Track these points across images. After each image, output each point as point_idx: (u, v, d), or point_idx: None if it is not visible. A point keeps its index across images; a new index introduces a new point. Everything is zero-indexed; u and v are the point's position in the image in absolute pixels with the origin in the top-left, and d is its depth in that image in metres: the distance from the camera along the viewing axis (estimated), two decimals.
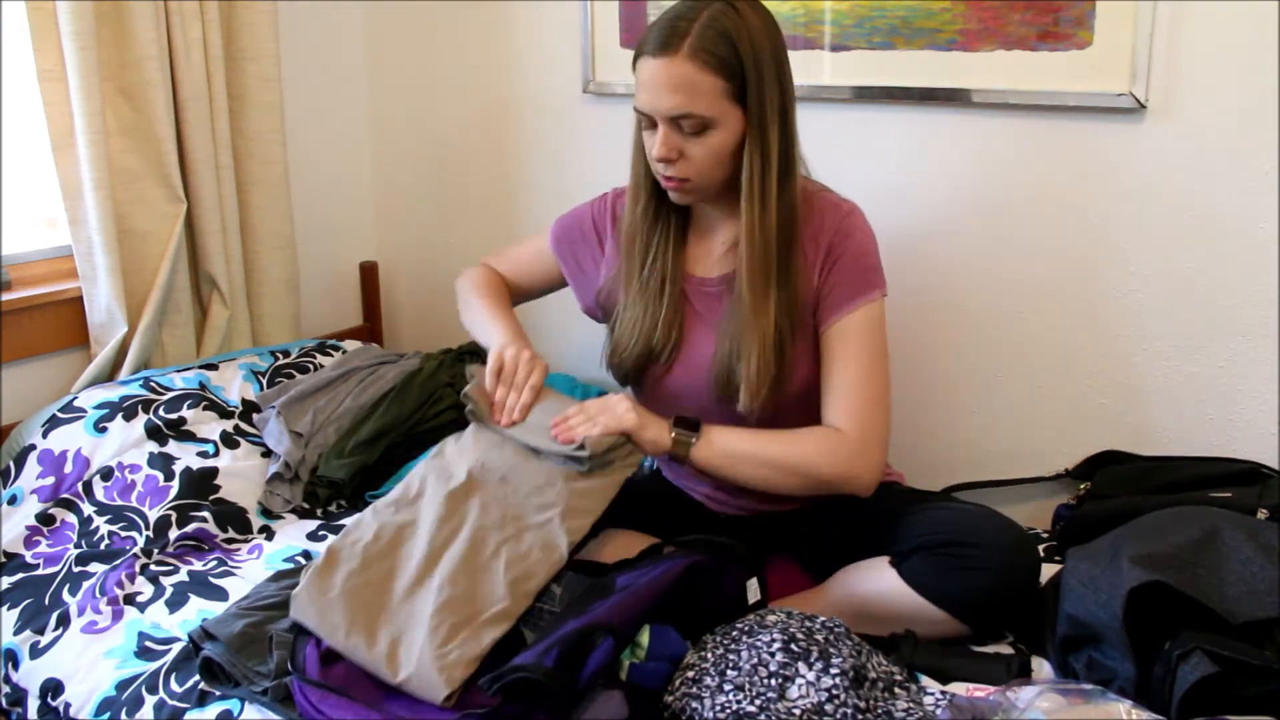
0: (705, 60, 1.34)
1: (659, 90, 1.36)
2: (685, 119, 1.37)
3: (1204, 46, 1.59)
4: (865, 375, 1.45)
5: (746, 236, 1.43)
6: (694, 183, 1.43)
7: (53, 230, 2.06)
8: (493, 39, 2.31)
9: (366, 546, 1.34)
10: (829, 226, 1.46)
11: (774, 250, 1.43)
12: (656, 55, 1.36)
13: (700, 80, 1.35)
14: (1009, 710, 1.09)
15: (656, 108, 1.38)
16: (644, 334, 1.53)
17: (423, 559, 1.31)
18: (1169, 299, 1.70)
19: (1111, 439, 1.77)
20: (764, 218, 1.41)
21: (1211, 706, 1.12)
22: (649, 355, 1.54)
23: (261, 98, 2.17)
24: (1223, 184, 1.62)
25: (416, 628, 1.23)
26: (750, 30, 1.36)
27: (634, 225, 1.54)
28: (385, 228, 2.61)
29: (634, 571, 1.31)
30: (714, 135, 1.38)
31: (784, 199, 1.42)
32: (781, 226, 1.43)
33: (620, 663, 1.18)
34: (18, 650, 1.51)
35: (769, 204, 1.41)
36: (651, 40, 1.38)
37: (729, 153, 1.40)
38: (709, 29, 1.35)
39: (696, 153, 1.39)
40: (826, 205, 1.48)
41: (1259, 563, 1.21)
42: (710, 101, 1.36)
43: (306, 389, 2.01)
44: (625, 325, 1.56)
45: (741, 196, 1.42)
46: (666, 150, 1.39)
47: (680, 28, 1.35)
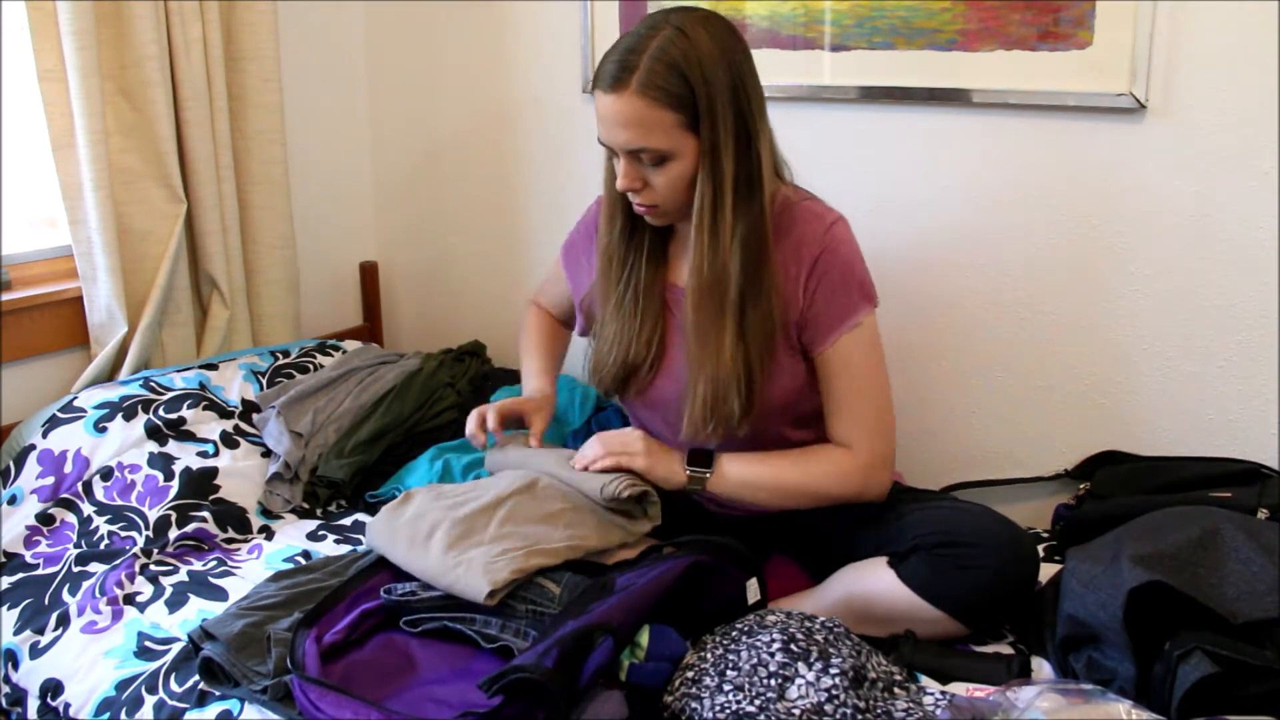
0: (654, 96, 1.33)
1: (613, 126, 1.37)
2: (642, 152, 1.37)
3: (1204, 46, 1.59)
4: (868, 392, 1.46)
5: (695, 274, 1.41)
6: (662, 208, 1.43)
7: (53, 230, 2.06)
8: (492, 39, 2.31)
9: (442, 492, 1.49)
10: (811, 239, 1.43)
11: (731, 278, 1.40)
12: (607, 91, 1.36)
13: (650, 115, 1.34)
14: (1009, 710, 1.09)
15: (614, 142, 1.39)
16: (622, 349, 1.53)
17: (491, 500, 1.42)
18: (1169, 299, 1.70)
19: (1111, 439, 1.77)
20: (714, 246, 1.39)
21: (1211, 706, 1.12)
22: (630, 368, 1.55)
23: (261, 98, 2.17)
24: (1223, 184, 1.62)
25: (473, 547, 1.33)
26: (701, 57, 1.33)
27: (609, 245, 1.54)
28: (385, 228, 2.61)
29: (634, 572, 1.31)
30: (673, 166, 1.38)
31: (744, 222, 1.40)
32: (746, 250, 1.40)
33: (620, 663, 1.18)
34: (18, 650, 1.51)
35: (720, 232, 1.39)
36: (603, 74, 1.37)
37: (691, 179, 1.39)
38: (658, 62, 1.33)
39: (659, 181, 1.40)
40: (809, 216, 1.45)
41: (1259, 563, 1.21)
42: (663, 135, 1.35)
43: (306, 389, 2.01)
44: (604, 341, 1.56)
45: (693, 230, 1.41)
46: (629, 182, 1.40)
47: (630, 62, 1.34)
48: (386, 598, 1.35)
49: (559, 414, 2.08)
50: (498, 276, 2.45)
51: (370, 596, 1.37)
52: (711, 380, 1.42)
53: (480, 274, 2.49)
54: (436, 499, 1.46)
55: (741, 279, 1.41)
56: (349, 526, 1.78)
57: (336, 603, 1.37)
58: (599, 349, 1.58)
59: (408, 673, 1.26)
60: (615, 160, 1.43)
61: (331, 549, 1.70)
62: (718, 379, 1.42)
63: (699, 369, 1.44)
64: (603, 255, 1.55)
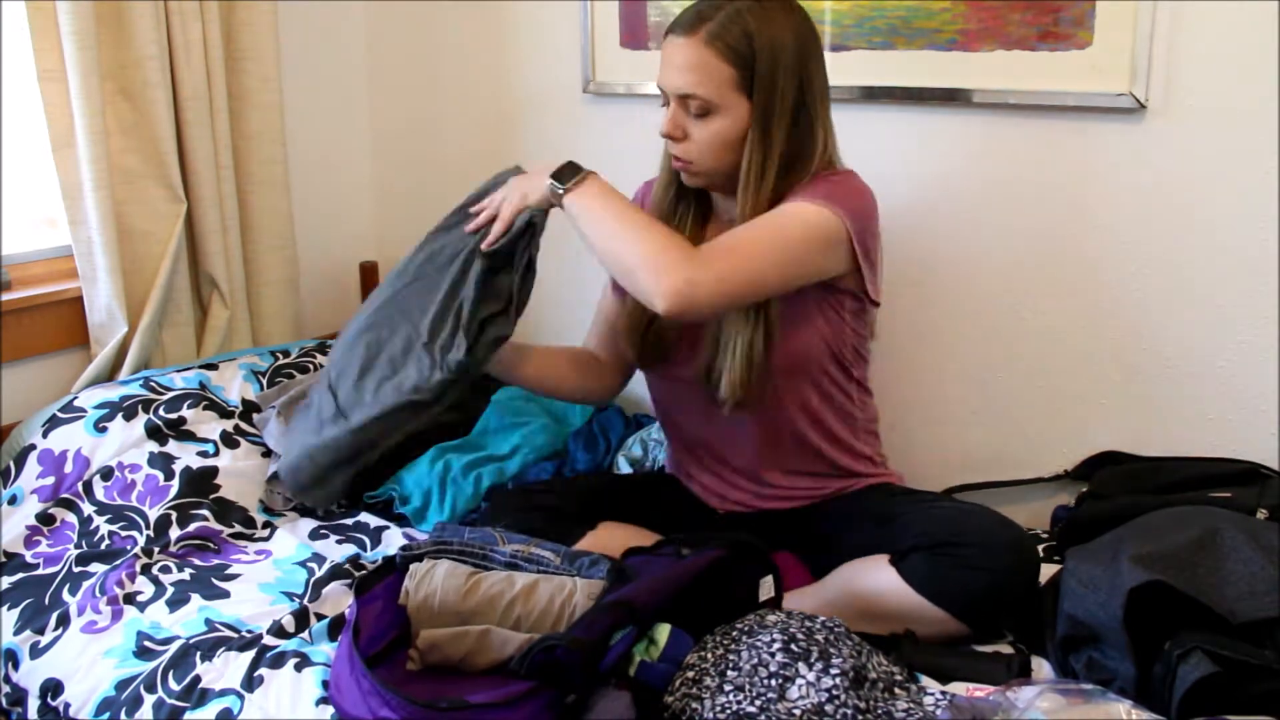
0: (718, 48, 1.39)
1: (672, 67, 1.43)
2: (690, 99, 1.41)
3: (1204, 46, 1.59)
4: (752, 235, 1.39)
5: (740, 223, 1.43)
6: (698, 165, 1.46)
7: (53, 230, 2.05)
8: (493, 39, 2.31)
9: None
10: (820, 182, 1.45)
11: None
12: (679, 34, 1.42)
13: (710, 64, 1.39)
14: (1009, 710, 1.09)
15: (666, 83, 1.44)
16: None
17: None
18: (1169, 299, 1.69)
19: (1111, 439, 1.77)
20: (757, 208, 1.42)
21: (1211, 706, 1.12)
22: (659, 331, 1.55)
23: (261, 98, 2.17)
24: (1223, 184, 1.62)
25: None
26: (772, 28, 1.39)
27: (656, 207, 1.58)
28: (385, 228, 2.61)
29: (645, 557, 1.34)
30: (716, 120, 1.42)
31: (782, 193, 1.43)
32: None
33: (632, 656, 1.19)
34: (18, 650, 1.51)
35: (762, 201, 1.42)
36: (679, 20, 1.43)
37: (730, 141, 1.43)
38: (731, 20, 1.39)
39: (699, 135, 1.43)
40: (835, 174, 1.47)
41: (1259, 563, 1.21)
42: (715, 87, 1.40)
43: (307, 389, 2.01)
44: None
45: (738, 191, 1.44)
46: (671, 127, 1.45)
47: (705, 13, 1.41)
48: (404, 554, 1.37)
49: (559, 414, 2.09)
50: None
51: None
52: (748, 340, 1.44)
53: None
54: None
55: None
56: (350, 526, 1.78)
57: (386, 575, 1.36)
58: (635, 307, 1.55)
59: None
60: (665, 109, 1.46)
61: (334, 548, 1.70)
62: (752, 340, 1.44)
63: (734, 332, 1.45)
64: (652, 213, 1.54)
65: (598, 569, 1.33)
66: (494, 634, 1.26)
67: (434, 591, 1.30)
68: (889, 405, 1.80)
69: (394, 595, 1.33)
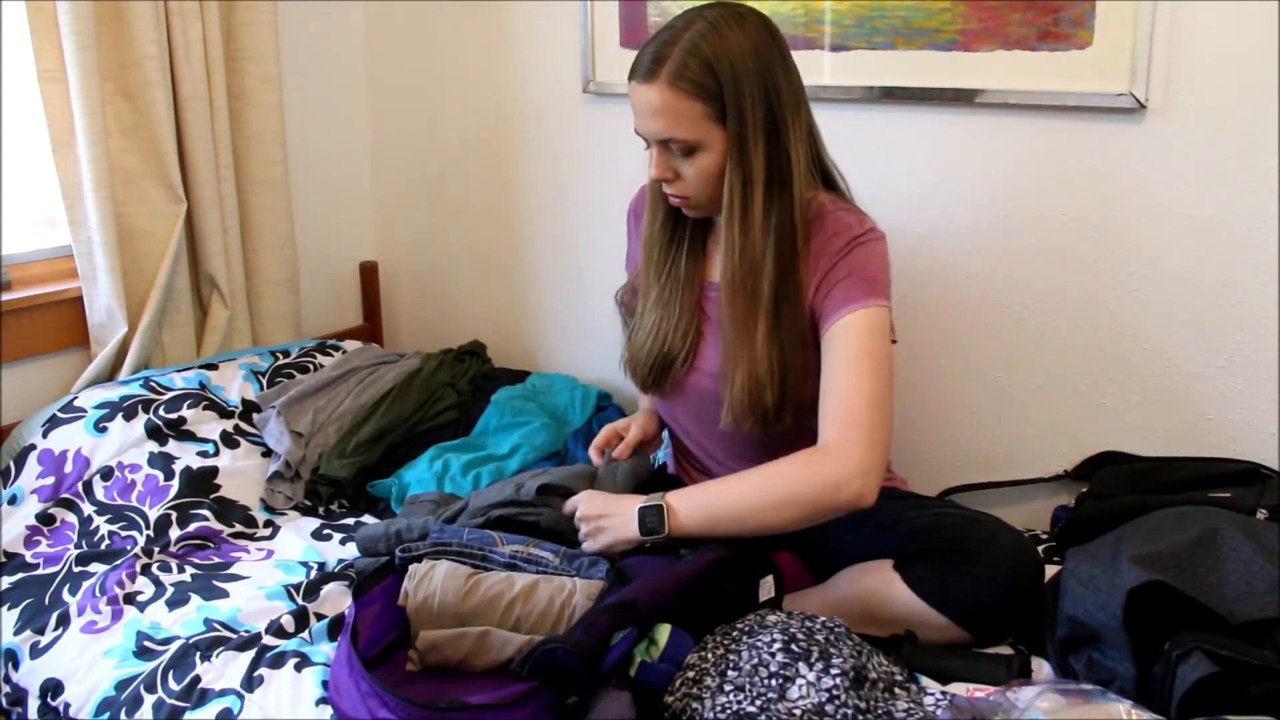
0: (683, 87, 1.36)
1: (642, 115, 1.41)
2: (671, 141, 1.40)
3: (1204, 46, 1.59)
4: (854, 380, 1.36)
5: (727, 262, 1.43)
6: (694, 199, 1.45)
7: (53, 230, 2.05)
8: (492, 39, 2.31)
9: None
10: (833, 246, 1.42)
11: (764, 271, 1.41)
12: (640, 81, 1.39)
13: (679, 106, 1.37)
14: (1009, 710, 1.09)
15: (645, 131, 1.42)
16: (659, 340, 1.55)
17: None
18: (1169, 299, 1.69)
19: (1111, 439, 1.77)
20: (745, 238, 1.41)
21: (1211, 706, 1.12)
22: (665, 360, 1.55)
23: (261, 98, 2.17)
24: (1223, 184, 1.62)
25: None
26: (730, 51, 1.36)
27: (651, 237, 1.56)
28: (385, 228, 2.61)
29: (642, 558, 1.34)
30: (701, 157, 1.40)
31: (773, 217, 1.41)
32: (778, 244, 1.41)
33: (633, 656, 1.19)
34: (18, 650, 1.51)
35: (751, 224, 1.41)
36: (638, 65, 1.40)
37: (720, 172, 1.41)
38: (688, 54, 1.36)
39: (688, 173, 1.42)
40: (839, 226, 1.44)
41: (1259, 563, 1.21)
42: (691, 125, 1.38)
43: (307, 389, 2.01)
44: (642, 330, 1.57)
45: (723, 219, 1.42)
46: (660, 171, 1.43)
47: (661, 53, 1.37)
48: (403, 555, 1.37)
49: (560, 414, 2.09)
50: (498, 277, 2.45)
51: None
52: (748, 372, 1.43)
53: (480, 274, 2.49)
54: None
55: (775, 273, 1.41)
56: (351, 525, 1.78)
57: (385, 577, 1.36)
58: (635, 339, 1.59)
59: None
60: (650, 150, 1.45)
61: (336, 548, 1.70)
62: (753, 372, 1.42)
63: (735, 361, 1.44)
64: (645, 246, 1.58)
65: (597, 569, 1.33)
66: (493, 635, 1.26)
67: (433, 592, 1.30)
68: None
69: (393, 597, 1.33)
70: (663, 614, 1.22)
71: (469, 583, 1.30)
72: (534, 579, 1.31)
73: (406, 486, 1.87)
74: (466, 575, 1.32)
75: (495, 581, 1.31)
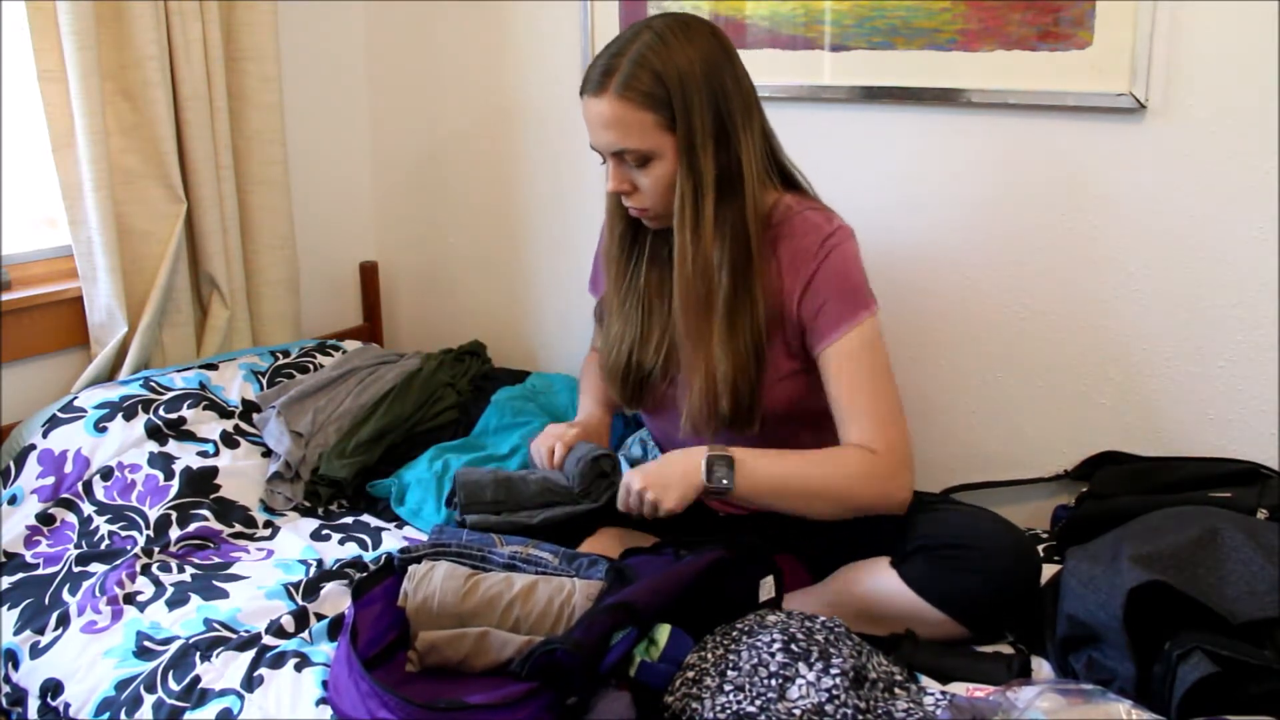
0: (631, 98, 1.39)
1: (596, 127, 1.43)
2: (625, 153, 1.42)
3: (1204, 46, 1.59)
4: (875, 394, 1.44)
5: (679, 269, 1.44)
6: (653, 210, 1.46)
7: (53, 230, 2.05)
8: (492, 38, 2.31)
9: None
10: (806, 252, 1.45)
11: (717, 278, 1.42)
12: (591, 94, 1.43)
13: (629, 116, 1.39)
14: (1009, 710, 1.09)
15: (596, 143, 1.45)
16: (626, 352, 1.56)
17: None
18: (1169, 299, 1.69)
19: (1111, 439, 1.77)
20: (696, 245, 1.42)
21: (1211, 706, 1.11)
22: (641, 374, 1.56)
23: (261, 98, 2.17)
24: (1223, 184, 1.62)
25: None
26: (678, 60, 1.38)
27: (610, 249, 1.58)
28: (385, 228, 2.61)
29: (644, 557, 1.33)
30: (655, 166, 1.42)
31: (726, 223, 1.42)
32: (731, 251, 1.42)
33: (633, 657, 1.19)
34: (18, 650, 1.51)
35: (702, 230, 1.42)
36: (588, 79, 1.43)
37: (674, 180, 1.42)
38: (637, 66, 1.38)
39: (645, 183, 1.43)
40: (807, 228, 1.46)
41: (1259, 563, 1.21)
42: (642, 135, 1.40)
43: (306, 389, 2.01)
44: (610, 341, 1.59)
45: (674, 227, 1.44)
46: (617, 183, 1.45)
47: (611, 65, 1.40)
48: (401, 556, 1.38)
49: (559, 414, 2.08)
50: (498, 277, 2.45)
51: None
52: (704, 378, 1.45)
53: (480, 274, 2.49)
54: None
55: (728, 280, 1.43)
56: (351, 525, 1.78)
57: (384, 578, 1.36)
58: (605, 351, 1.61)
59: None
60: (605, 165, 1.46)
61: (335, 548, 1.70)
62: (709, 378, 1.44)
63: (692, 367, 1.46)
64: (605, 259, 1.60)
65: (596, 569, 1.33)
66: (493, 635, 1.26)
67: (433, 593, 1.30)
68: None
69: (392, 597, 1.33)
70: (663, 614, 1.22)
71: (468, 583, 1.30)
72: (533, 579, 1.31)
73: (406, 487, 1.87)
74: (466, 576, 1.32)
75: (494, 582, 1.31)
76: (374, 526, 1.78)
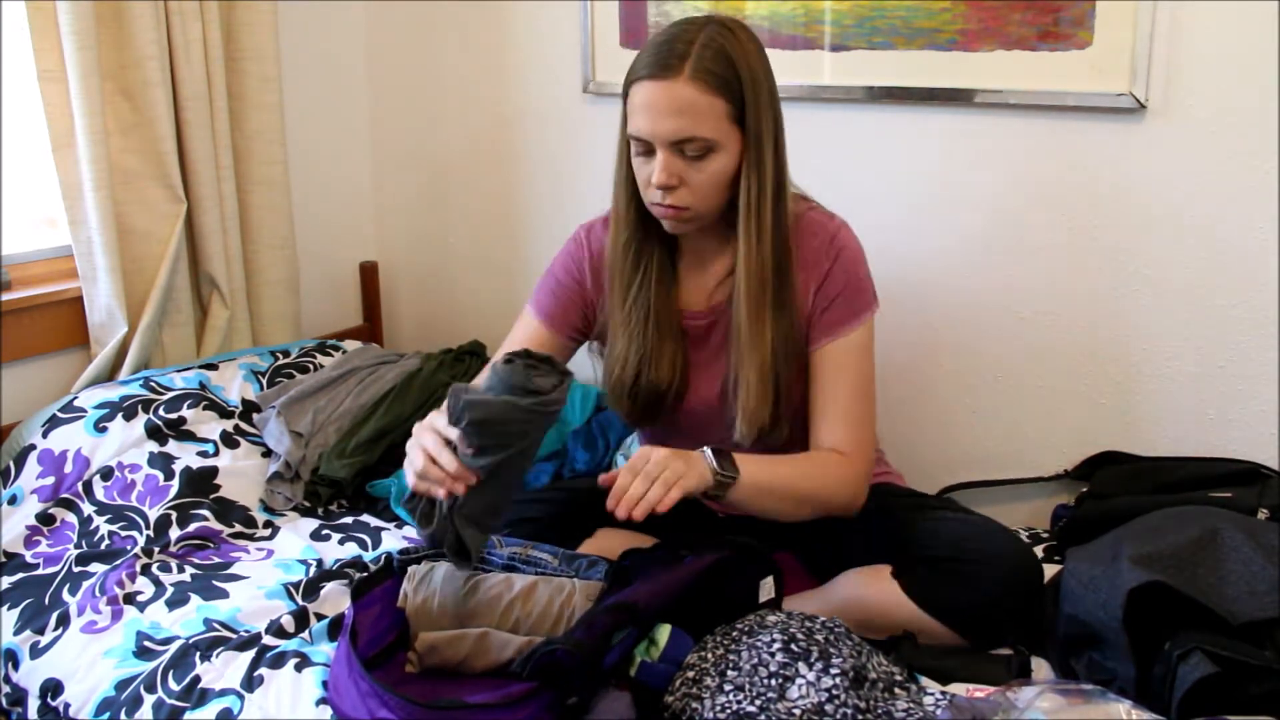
0: (708, 81, 1.31)
1: (659, 114, 1.32)
2: (688, 143, 1.33)
3: (1204, 46, 1.59)
4: (858, 398, 1.44)
5: (744, 263, 1.39)
6: (693, 210, 1.38)
7: (53, 230, 2.05)
8: (492, 38, 2.31)
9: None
10: (818, 248, 1.44)
11: (770, 276, 1.40)
12: (656, 78, 1.32)
13: (703, 102, 1.31)
14: (1009, 710, 1.09)
15: (657, 132, 1.33)
16: (631, 370, 1.48)
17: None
18: (1169, 299, 1.69)
19: (1111, 439, 1.77)
20: (760, 244, 1.39)
21: (1211, 707, 1.11)
22: (653, 393, 1.49)
23: (261, 98, 2.17)
24: (1223, 184, 1.62)
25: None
26: (746, 52, 1.35)
27: (614, 259, 1.49)
28: (385, 228, 2.61)
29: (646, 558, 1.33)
30: (716, 159, 1.35)
31: (779, 223, 1.40)
32: (776, 250, 1.40)
33: (633, 657, 1.19)
34: (18, 650, 1.51)
35: (765, 228, 1.38)
36: (648, 63, 1.34)
37: (730, 177, 1.37)
38: (708, 49, 1.32)
39: (697, 179, 1.35)
40: (814, 226, 1.46)
41: (1259, 563, 1.21)
42: (714, 124, 1.33)
43: (307, 389, 2.01)
44: (615, 360, 1.51)
45: (739, 222, 1.39)
46: (668, 177, 1.34)
47: (679, 49, 1.32)
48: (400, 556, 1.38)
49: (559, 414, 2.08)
50: (498, 277, 2.45)
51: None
52: (759, 369, 1.41)
53: (480, 274, 2.49)
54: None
55: (775, 280, 1.41)
56: (351, 525, 1.78)
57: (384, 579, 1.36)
58: (610, 369, 1.52)
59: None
60: (642, 160, 1.37)
61: (335, 548, 1.70)
62: (764, 369, 1.41)
63: (749, 360, 1.41)
64: (609, 268, 1.50)
65: (596, 570, 1.33)
66: (493, 636, 1.26)
67: (432, 594, 1.30)
68: (888, 405, 1.79)
69: (392, 598, 1.33)
70: (663, 614, 1.22)
71: (468, 584, 1.30)
72: (533, 580, 1.31)
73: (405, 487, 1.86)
74: (465, 576, 1.31)
75: (494, 583, 1.31)
76: (374, 526, 1.78)
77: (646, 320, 1.47)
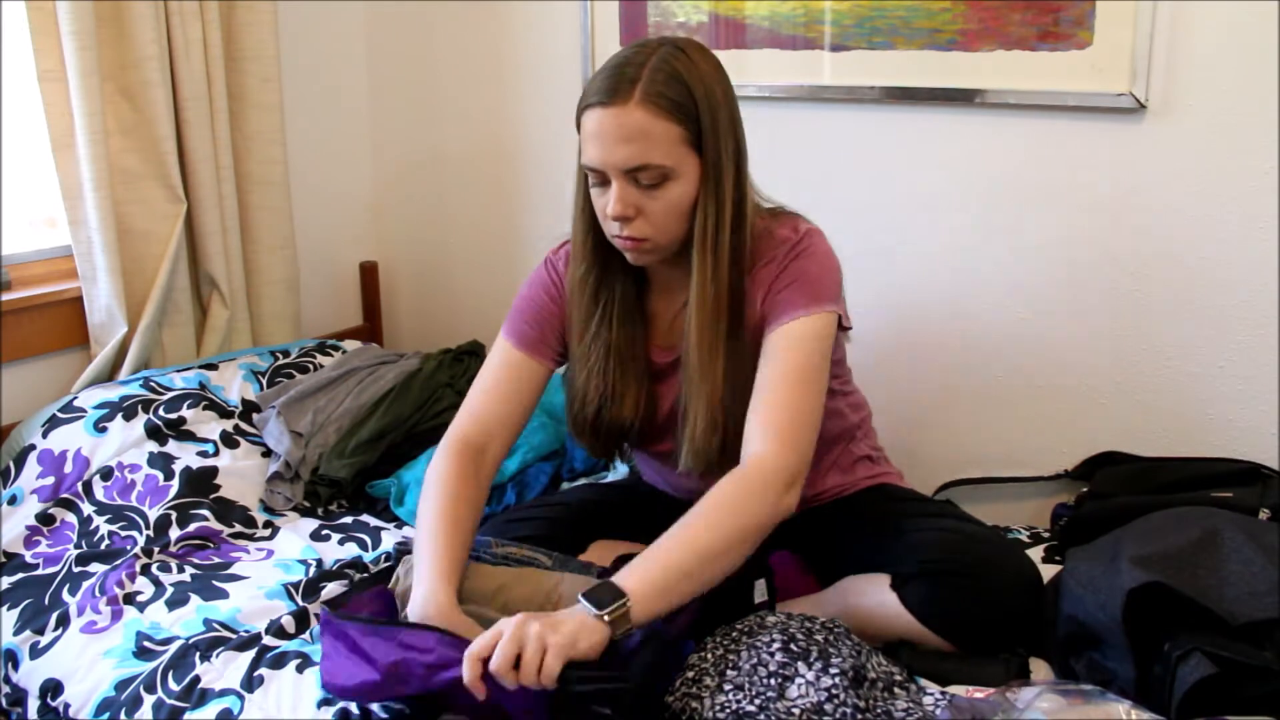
0: (660, 105, 1.25)
1: (610, 142, 1.26)
2: (641, 171, 1.26)
3: (1204, 46, 1.59)
4: (790, 384, 1.30)
5: (697, 294, 1.32)
6: (651, 241, 1.31)
7: (53, 230, 2.06)
8: (492, 39, 2.31)
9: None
10: (777, 258, 1.36)
11: (725, 308, 1.33)
12: (606, 104, 1.26)
13: (655, 127, 1.25)
14: (1009, 711, 1.09)
15: (609, 161, 1.27)
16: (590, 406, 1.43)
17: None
18: (1169, 299, 1.70)
19: (1112, 439, 1.77)
20: (716, 274, 1.31)
21: (1211, 707, 1.11)
22: (615, 431, 1.45)
23: (261, 98, 2.17)
24: (1223, 183, 1.62)
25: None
26: (702, 74, 1.28)
27: (573, 293, 1.43)
28: (385, 228, 2.61)
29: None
30: (673, 187, 1.28)
31: (737, 253, 1.33)
32: (733, 281, 1.34)
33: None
34: (18, 650, 1.51)
35: (721, 259, 1.31)
36: (598, 89, 1.28)
37: (690, 205, 1.30)
38: (660, 72, 1.26)
39: (655, 208, 1.29)
40: (774, 243, 1.37)
41: (1259, 563, 1.21)
42: (667, 150, 1.26)
43: (306, 389, 2.01)
44: (574, 392, 1.46)
45: (694, 252, 1.31)
46: (623, 207, 1.28)
47: (629, 74, 1.26)
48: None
49: (558, 414, 2.08)
50: (498, 276, 2.45)
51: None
52: (707, 402, 1.35)
53: (480, 274, 2.49)
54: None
55: (729, 309, 1.35)
56: (350, 525, 1.78)
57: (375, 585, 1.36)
58: (571, 402, 1.47)
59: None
60: (598, 191, 1.32)
61: (335, 548, 1.70)
62: (713, 402, 1.35)
63: (698, 393, 1.35)
64: (570, 299, 1.44)
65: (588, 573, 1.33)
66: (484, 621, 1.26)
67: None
68: (889, 404, 1.79)
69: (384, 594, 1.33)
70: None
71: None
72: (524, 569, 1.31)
73: (406, 487, 1.87)
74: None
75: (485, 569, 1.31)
76: (374, 526, 1.78)
77: (607, 357, 1.41)
